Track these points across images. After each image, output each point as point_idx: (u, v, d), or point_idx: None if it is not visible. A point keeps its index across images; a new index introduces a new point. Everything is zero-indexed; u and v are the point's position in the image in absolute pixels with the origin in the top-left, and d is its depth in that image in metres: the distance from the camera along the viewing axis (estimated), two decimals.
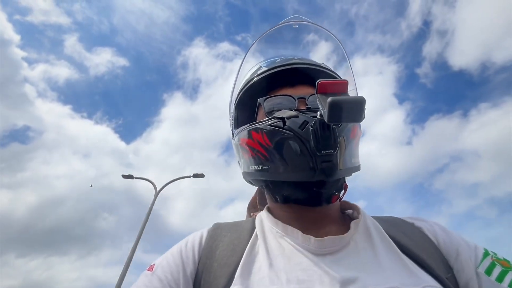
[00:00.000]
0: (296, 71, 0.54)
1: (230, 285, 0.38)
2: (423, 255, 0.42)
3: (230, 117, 0.63)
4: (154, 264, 0.44)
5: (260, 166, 0.47)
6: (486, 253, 0.43)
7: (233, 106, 0.61)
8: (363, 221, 0.48)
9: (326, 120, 0.33)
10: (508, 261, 0.43)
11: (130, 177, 7.77)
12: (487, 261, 0.42)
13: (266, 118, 0.47)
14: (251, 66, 0.61)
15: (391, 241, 0.44)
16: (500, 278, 0.40)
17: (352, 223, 0.46)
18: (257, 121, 0.49)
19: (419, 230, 0.48)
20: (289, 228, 0.45)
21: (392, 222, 0.50)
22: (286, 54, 0.59)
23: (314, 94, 0.51)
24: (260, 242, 0.44)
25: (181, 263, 0.43)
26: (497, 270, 0.41)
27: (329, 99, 0.32)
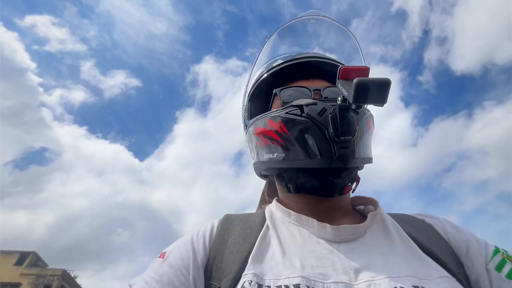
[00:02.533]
0: (311, 65, 0.55)
1: (243, 271, 0.38)
2: (436, 250, 0.42)
3: (242, 110, 0.63)
4: (165, 252, 0.45)
5: (276, 154, 0.47)
6: (496, 250, 0.44)
7: (246, 98, 0.62)
8: (380, 214, 0.48)
9: (351, 101, 0.33)
10: None
11: None
12: (498, 258, 0.43)
13: (283, 107, 0.47)
14: (266, 60, 0.62)
15: (406, 235, 0.44)
16: (510, 275, 0.40)
17: (370, 215, 0.47)
18: (273, 110, 0.49)
19: (430, 227, 0.48)
20: (304, 217, 0.45)
21: (404, 218, 0.51)
22: (302, 49, 0.60)
23: (329, 86, 0.52)
24: (271, 231, 0.45)
25: (192, 250, 0.43)
26: (507, 267, 0.41)
27: (356, 79, 0.32)
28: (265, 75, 0.57)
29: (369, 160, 0.48)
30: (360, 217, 0.48)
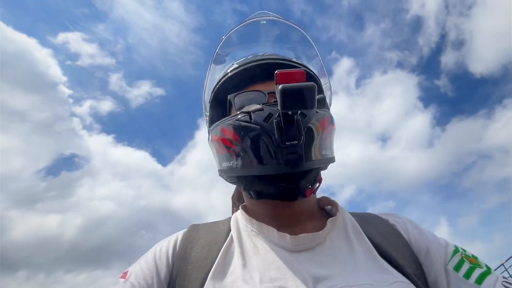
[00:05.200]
0: (267, 67, 0.54)
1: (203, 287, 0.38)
2: (395, 253, 0.42)
3: (205, 117, 0.63)
4: (127, 271, 0.43)
5: (231, 162, 0.46)
6: (456, 250, 0.45)
7: (208, 106, 0.61)
8: (340, 219, 0.48)
9: (279, 109, 0.32)
10: (476, 258, 0.45)
11: None
12: (457, 258, 0.43)
13: (235, 113, 0.47)
14: (223, 66, 0.61)
15: (367, 239, 0.44)
16: (467, 275, 0.41)
17: (329, 221, 0.46)
18: (227, 117, 0.48)
19: (392, 228, 0.49)
20: (264, 226, 0.45)
21: (368, 219, 0.51)
22: (258, 51, 0.59)
23: None
24: (235, 242, 0.44)
25: (155, 269, 0.42)
26: (465, 267, 0.42)
27: (280, 86, 0.31)
28: (222, 80, 0.56)
29: (327, 160, 0.47)
30: (324, 220, 0.48)
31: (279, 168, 0.40)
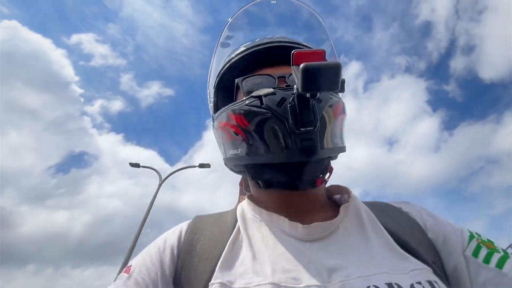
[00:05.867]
0: (276, 50, 0.51)
1: (212, 279, 0.35)
2: (411, 240, 0.40)
3: (209, 103, 0.60)
4: (131, 266, 0.41)
5: (239, 150, 0.44)
6: (471, 236, 0.43)
7: (212, 91, 0.57)
8: (353, 206, 0.45)
9: (300, 90, 0.30)
10: (492, 242, 0.43)
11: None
12: (473, 243, 0.42)
13: (244, 98, 0.44)
14: (229, 49, 0.57)
15: (381, 226, 0.42)
16: (487, 260, 0.40)
17: (342, 208, 0.44)
18: (234, 102, 0.45)
19: (406, 215, 0.47)
20: (275, 215, 0.43)
21: (380, 207, 0.49)
22: (267, 34, 0.56)
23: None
24: (243, 233, 0.42)
25: (159, 263, 0.40)
26: (483, 252, 0.41)
27: (302, 65, 0.28)
28: (229, 64, 0.53)
29: (339, 149, 0.45)
30: (335, 209, 0.46)
31: (292, 156, 0.38)
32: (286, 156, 0.38)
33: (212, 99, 0.58)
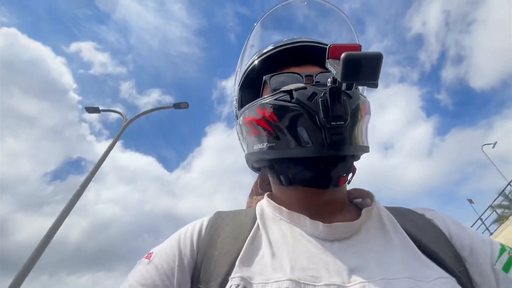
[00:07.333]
0: (303, 50, 0.52)
1: (231, 274, 0.36)
2: (435, 247, 0.39)
3: (233, 101, 0.60)
4: (152, 252, 0.43)
5: (265, 144, 0.44)
6: (503, 249, 0.40)
7: (237, 88, 0.58)
8: (376, 209, 0.45)
9: (340, 79, 0.29)
10: None
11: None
12: (504, 257, 0.39)
13: (272, 93, 0.44)
14: (256, 48, 0.58)
15: (404, 232, 0.41)
16: None
17: (364, 210, 0.43)
18: (263, 97, 0.45)
19: (430, 222, 0.45)
20: (295, 214, 0.42)
21: (402, 212, 0.47)
22: (294, 34, 0.56)
23: (322, 72, 0.48)
24: (262, 231, 0.42)
25: (178, 253, 0.41)
26: None
27: (343, 54, 0.28)
28: (256, 62, 0.54)
29: (365, 148, 0.44)
30: (356, 212, 0.45)
31: (321, 150, 0.37)
32: (316, 150, 0.38)
33: (236, 97, 0.59)
